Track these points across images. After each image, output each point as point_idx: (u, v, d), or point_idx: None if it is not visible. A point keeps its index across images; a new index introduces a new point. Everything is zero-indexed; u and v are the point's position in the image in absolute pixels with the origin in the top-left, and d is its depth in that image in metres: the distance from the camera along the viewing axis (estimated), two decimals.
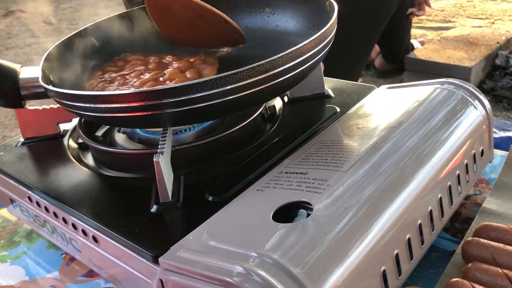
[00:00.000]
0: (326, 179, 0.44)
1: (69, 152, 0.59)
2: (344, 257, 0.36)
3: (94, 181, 0.54)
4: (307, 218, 0.39)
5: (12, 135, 2.12)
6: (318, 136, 0.54)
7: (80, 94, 0.46)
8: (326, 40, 0.51)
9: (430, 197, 0.45)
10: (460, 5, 3.11)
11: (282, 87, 0.50)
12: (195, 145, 0.52)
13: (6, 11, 4.16)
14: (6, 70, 0.59)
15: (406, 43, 2.15)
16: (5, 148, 0.63)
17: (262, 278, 0.34)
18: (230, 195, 0.46)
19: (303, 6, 0.65)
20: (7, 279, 0.56)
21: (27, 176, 0.56)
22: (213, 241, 0.39)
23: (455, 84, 0.57)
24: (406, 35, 2.13)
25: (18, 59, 3.03)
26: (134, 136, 0.58)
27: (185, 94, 0.43)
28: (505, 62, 2.04)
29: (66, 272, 0.55)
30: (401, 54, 2.14)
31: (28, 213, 0.57)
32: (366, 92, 0.63)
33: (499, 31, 2.29)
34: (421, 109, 0.54)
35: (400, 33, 2.07)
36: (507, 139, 0.87)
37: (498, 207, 0.53)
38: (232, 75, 0.43)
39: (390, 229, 0.40)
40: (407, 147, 0.48)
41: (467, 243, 0.45)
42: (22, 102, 0.61)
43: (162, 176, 0.45)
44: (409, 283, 0.46)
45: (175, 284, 0.38)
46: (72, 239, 0.51)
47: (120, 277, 0.48)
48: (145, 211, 0.46)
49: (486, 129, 0.55)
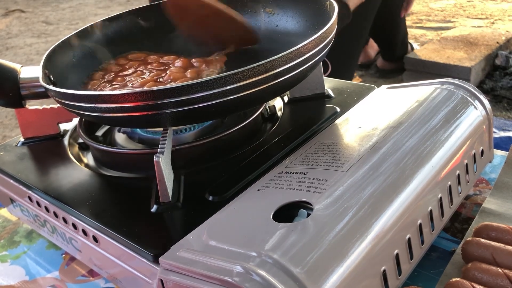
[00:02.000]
0: (326, 179, 0.44)
1: (69, 152, 0.59)
2: (345, 257, 0.36)
3: (94, 181, 0.54)
4: (307, 218, 0.39)
5: (12, 135, 2.12)
6: (318, 136, 0.54)
7: (80, 94, 0.46)
8: (326, 40, 0.51)
9: (430, 197, 0.46)
10: (460, 5, 3.11)
11: (282, 87, 0.50)
12: (195, 145, 0.52)
13: (6, 11, 4.16)
14: (6, 70, 0.59)
15: (400, 38, 2.15)
16: (5, 148, 0.63)
17: (262, 278, 0.34)
18: (230, 195, 0.46)
19: (303, 6, 0.65)
20: (7, 279, 0.56)
21: (27, 176, 0.56)
22: (213, 241, 0.39)
23: (455, 84, 0.57)
24: (398, 29, 2.12)
25: (18, 59, 3.03)
26: (134, 136, 0.58)
27: (185, 94, 0.43)
28: (505, 62, 2.04)
29: (66, 272, 0.56)
30: (398, 51, 2.15)
31: (28, 213, 0.57)
32: (366, 92, 0.63)
33: (499, 31, 2.29)
34: (421, 109, 0.54)
35: (391, 27, 2.08)
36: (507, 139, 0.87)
37: (498, 207, 0.53)
38: (232, 75, 0.43)
39: (390, 229, 0.40)
40: (407, 147, 0.48)
41: (467, 243, 0.45)
42: (22, 102, 0.61)
43: (162, 176, 0.45)
44: (409, 283, 0.46)
45: (175, 284, 0.38)
46: (72, 239, 0.51)
47: (120, 277, 0.48)
48: (145, 211, 0.46)
49: (486, 129, 0.55)
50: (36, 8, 4.16)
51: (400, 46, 2.16)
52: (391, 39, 2.14)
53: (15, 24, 3.82)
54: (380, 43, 2.21)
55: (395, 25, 2.09)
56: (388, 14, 1.96)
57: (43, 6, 4.22)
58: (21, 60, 3.00)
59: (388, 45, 2.17)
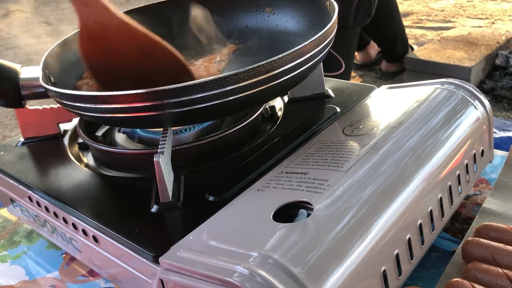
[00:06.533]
0: (326, 179, 0.44)
1: (69, 152, 0.59)
2: (345, 257, 0.36)
3: (94, 181, 0.54)
4: (308, 218, 0.39)
5: (12, 135, 2.12)
6: (318, 136, 0.54)
7: (80, 94, 0.46)
8: (326, 41, 0.51)
9: (430, 197, 0.46)
10: (460, 5, 3.11)
11: (283, 88, 0.50)
12: (195, 145, 0.52)
13: (6, 11, 4.16)
14: (7, 70, 0.59)
15: (399, 35, 2.15)
16: (5, 148, 0.63)
17: (263, 278, 0.34)
18: (230, 195, 0.46)
19: (303, 6, 0.65)
20: (7, 279, 0.56)
21: (27, 176, 0.56)
22: (214, 241, 0.39)
23: (455, 84, 0.57)
24: (395, 25, 2.12)
25: (18, 59, 3.03)
26: (134, 136, 0.58)
27: (186, 95, 0.43)
28: (505, 62, 2.05)
29: (66, 272, 0.56)
30: (398, 49, 2.15)
31: (28, 213, 0.57)
32: (366, 92, 0.63)
33: (499, 31, 2.29)
34: (421, 109, 0.54)
35: (388, 24, 2.07)
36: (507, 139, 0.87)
37: (498, 207, 0.53)
38: (233, 75, 0.43)
39: (390, 229, 0.40)
40: (407, 147, 0.48)
41: (467, 243, 0.45)
42: (22, 102, 0.61)
43: (163, 176, 0.45)
44: (409, 283, 0.46)
45: (175, 284, 0.38)
46: (72, 239, 0.51)
47: (121, 277, 0.48)
48: (146, 211, 0.46)
49: (486, 129, 0.55)
50: (36, 8, 4.16)
51: (400, 43, 2.16)
52: (389, 37, 2.14)
53: (15, 24, 3.82)
54: (380, 42, 2.21)
55: (391, 22, 2.09)
56: (383, 11, 1.96)
57: (43, 6, 4.22)
58: (21, 60, 3.00)
59: (387, 43, 2.17)
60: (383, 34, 2.14)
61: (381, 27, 2.07)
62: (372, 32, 2.13)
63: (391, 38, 2.15)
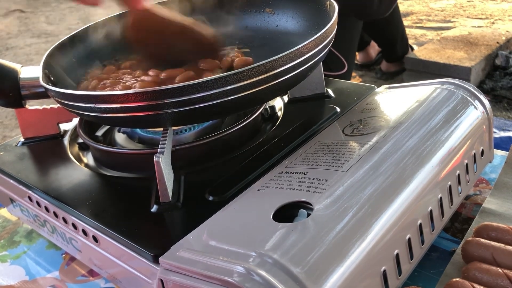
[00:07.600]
0: (326, 179, 0.44)
1: (69, 152, 0.59)
2: (345, 257, 0.36)
3: (94, 181, 0.54)
4: (308, 218, 0.39)
5: (12, 135, 2.12)
6: (318, 136, 0.54)
7: (80, 94, 0.46)
8: (326, 40, 0.51)
9: (430, 197, 0.46)
10: (460, 5, 3.11)
11: (283, 87, 0.50)
12: (195, 145, 0.52)
13: (6, 11, 4.16)
14: (7, 70, 0.59)
15: (399, 34, 2.15)
16: (5, 148, 0.63)
17: (263, 278, 0.34)
18: (230, 195, 0.46)
19: (303, 6, 0.65)
20: (7, 279, 0.56)
21: (27, 176, 0.56)
22: (214, 241, 0.39)
23: (455, 84, 0.57)
24: (394, 25, 2.12)
25: (18, 59, 3.03)
26: (134, 136, 0.58)
27: (186, 95, 0.43)
28: (505, 62, 2.04)
29: (66, 272, 0.56)
30: (398, 48, 2.15)
31: (28, 213, 0.57)
32: (366, 92, 0.63)
33: (499, 31, 2.29)
34: (421, 109, 0.54)
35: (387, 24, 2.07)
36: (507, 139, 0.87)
37: (498, 207, 0.53)
38: (233, 75, 0.43)
39: (390, 229, 0.40)
40: (407, 147, 0.48)
41: (467, 243, 0.45)
42: (22, 102, 0.61)
43: (162, 176, 0.45)
44: (410, 283, 0.46)
45: (175, 284, 0.38)
46: (72, 239, 0.51)
47: (120, 277, 0.48)
48: (146, 211, 0.46)
49: (486, 129, 0.55)
50: (36, 8, 4.16)
51: (400, 43, 2.16)
52: (390, 37, 2.14)
53: (15, 24, 3.82)
54: (380, 42, 2.21)
55: (392, 22, 2.08)
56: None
57: (43, 6, 4.22)
58: (21, 60, 3.00)
59: (387, 43, 2.17)
60: (383, 34, 2.13)
61: (381, 27, 2.07)
62: (372, 32, 2.13)
63: (391, 38, 2.14)
